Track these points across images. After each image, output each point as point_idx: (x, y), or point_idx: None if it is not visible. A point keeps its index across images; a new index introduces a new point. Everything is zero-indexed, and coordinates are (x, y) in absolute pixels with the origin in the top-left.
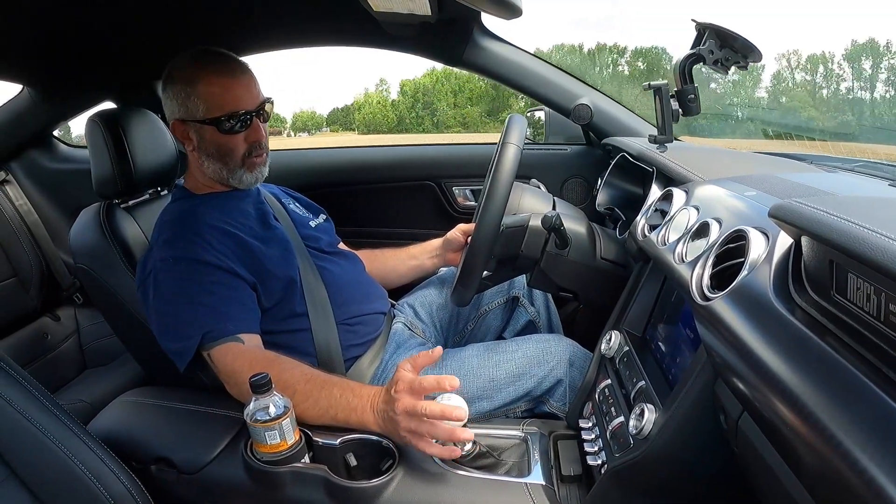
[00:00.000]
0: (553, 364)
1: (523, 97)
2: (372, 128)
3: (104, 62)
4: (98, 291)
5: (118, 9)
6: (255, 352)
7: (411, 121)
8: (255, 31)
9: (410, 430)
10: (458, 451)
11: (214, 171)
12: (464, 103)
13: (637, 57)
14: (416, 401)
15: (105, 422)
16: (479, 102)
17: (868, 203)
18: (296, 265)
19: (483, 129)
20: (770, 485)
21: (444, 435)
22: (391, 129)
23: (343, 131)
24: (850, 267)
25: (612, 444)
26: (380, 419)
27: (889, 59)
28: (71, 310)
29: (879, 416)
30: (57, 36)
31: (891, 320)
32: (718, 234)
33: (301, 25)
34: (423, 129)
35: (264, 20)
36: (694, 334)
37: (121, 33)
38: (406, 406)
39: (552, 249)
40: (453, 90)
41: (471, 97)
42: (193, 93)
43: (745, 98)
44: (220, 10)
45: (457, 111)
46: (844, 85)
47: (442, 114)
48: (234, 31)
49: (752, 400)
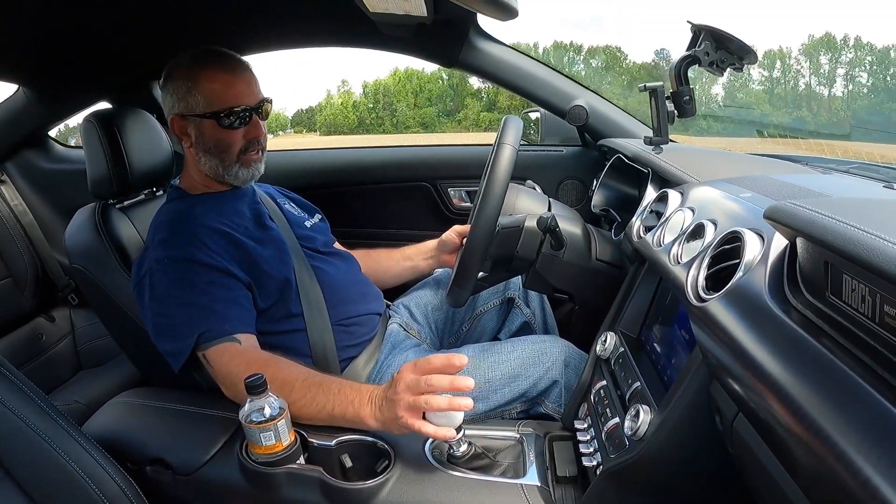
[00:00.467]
0: (548, 365)
1: (483, 99)
2: (333, 129)
3: (100, 62)
4: (93, 292)
5: (114, 9)
6: (250, 352)
7: (371, 121)
8: (251, 32)
9: (409, 404)
10: (454, 434)
11: (211, 167)
12: (423, 104)
13: (592, 55)
14: (419, 376)
15: (100, 423)
16: (437, 103)
17: (863, 204)
18: (291, 265)
19: (440, 128)
20: (766, 486)
21: (445, 403)
22: (352, 130)
23: (307, 132)
24: (844, 268)
25: (607, 446)
26: (377, 409)
27: (847, 53)
28: (66, 311)
29: (874, 417)
30: (53, 36)
31: (885, 322)
32: (714, 236)
33: (297, 26)
34: (383, 130)
35: (261, 21)
36: (689, 335)
37: (117, 33)
38: (409, 381)
39: (547, 251)
40: (414, 91)
41: (430, 97)
42: (195, 87)
43: (699, 94)
44: (216, 11)
45: (416, 111)
46: (803, 81)
47: (401, 114)
48: (231, 32)
49: (748, 401)
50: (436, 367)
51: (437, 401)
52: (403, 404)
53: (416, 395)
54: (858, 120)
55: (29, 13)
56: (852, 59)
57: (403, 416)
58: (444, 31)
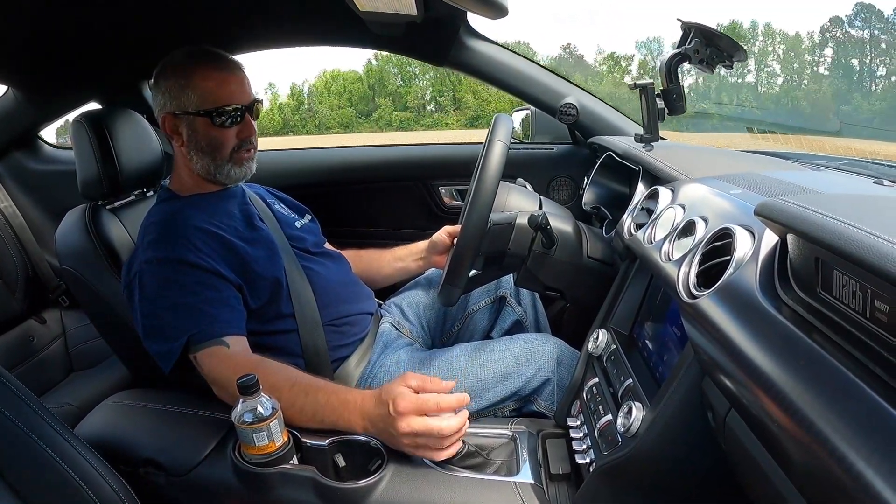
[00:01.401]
0: (541, 363)
1: (397, 99)
2: (259, 130)
3: (90, 63)
4: (84, 293)
5: (103, 9)
6: (240, 355)
7: (295, 123)
8: (241, 32)
9: (416, 444)
10: (456, 449)
11: (202, 166)
12: (345, 104)
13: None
14: (425, 421)
15: (92, 425)
16: (358, 104)
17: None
18: (281, 266)
19: (358, 129)
20: (759, 482)
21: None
22: (277, 132)
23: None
24: (835, 264)
25: (600, 443)
26: (372, 428)
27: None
28: (57, 312)
29: (866, 411)
30: (42, 37)
31: (876, 317)
32: (705, 233)
33: (286, 26)
34: (306, 131)
35: (251, 20)
36: (681, 332)
37: (106, 34)
38: (413, 429)
39: (538, 248)
40: (339, 92)
41: (350, 98)
42: (188, 86)
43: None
44: (206, 11)
45: (336, 112)
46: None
47: (322, 115)
48: (221, 32)
49: (740, 397)
50: (431, 411)
51: (444, 443)
52: (409, 445)
53: (423, 439)
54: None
55: (17, 13)
56: (762, 48)
57: (408, 451)
58: (434, 30)
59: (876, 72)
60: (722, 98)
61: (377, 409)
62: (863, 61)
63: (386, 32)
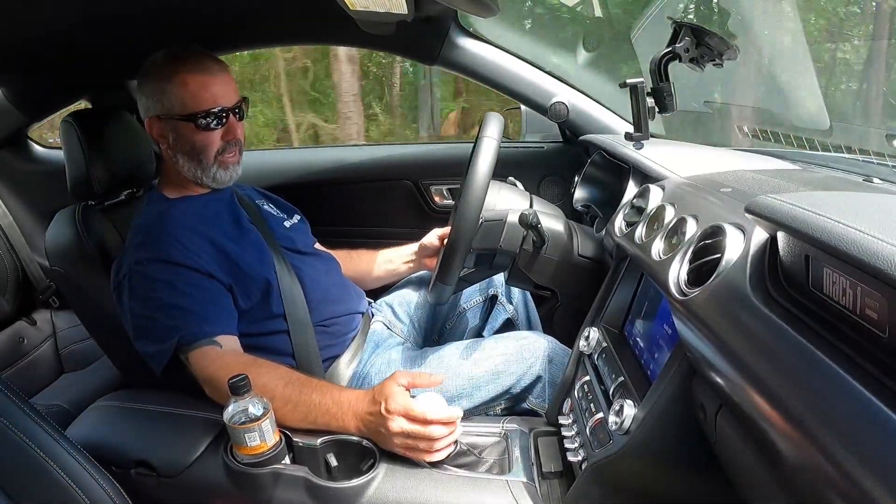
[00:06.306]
0: (532, 361)
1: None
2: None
3: (78, 62)
4: (74, 294)
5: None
6: (231, 355)
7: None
8: (230, 30)
9: (407, 446)
10: (447, 452)
11: (189, 169)
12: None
13: None
14: (413, 425)
15: (83, 426)
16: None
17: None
18: (272, 266)
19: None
20: (749, 478)
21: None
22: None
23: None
24: (825, 261)
25: (591, 440)
26: (364, 429)
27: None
28: (47, 313)
29: (856, 408)
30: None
31: (866, 313)
32: (695, 231)
33: (276, 24)
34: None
35: (240, 19)
36: (672, 330)
37: (94, 32)
38: (404, 429)
39: (529, 247)
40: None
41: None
42: (171, 89)
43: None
44: (195, 9)
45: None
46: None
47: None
48: (210, 30)
49: (730, 394)
50: (424, 422)
51: (435, 444)
52: (400, 445)
53: (413, 441)
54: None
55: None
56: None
57: (398, 450)
58: (424, 29)
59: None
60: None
61: (370, 410)
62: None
63: (377, 31)
